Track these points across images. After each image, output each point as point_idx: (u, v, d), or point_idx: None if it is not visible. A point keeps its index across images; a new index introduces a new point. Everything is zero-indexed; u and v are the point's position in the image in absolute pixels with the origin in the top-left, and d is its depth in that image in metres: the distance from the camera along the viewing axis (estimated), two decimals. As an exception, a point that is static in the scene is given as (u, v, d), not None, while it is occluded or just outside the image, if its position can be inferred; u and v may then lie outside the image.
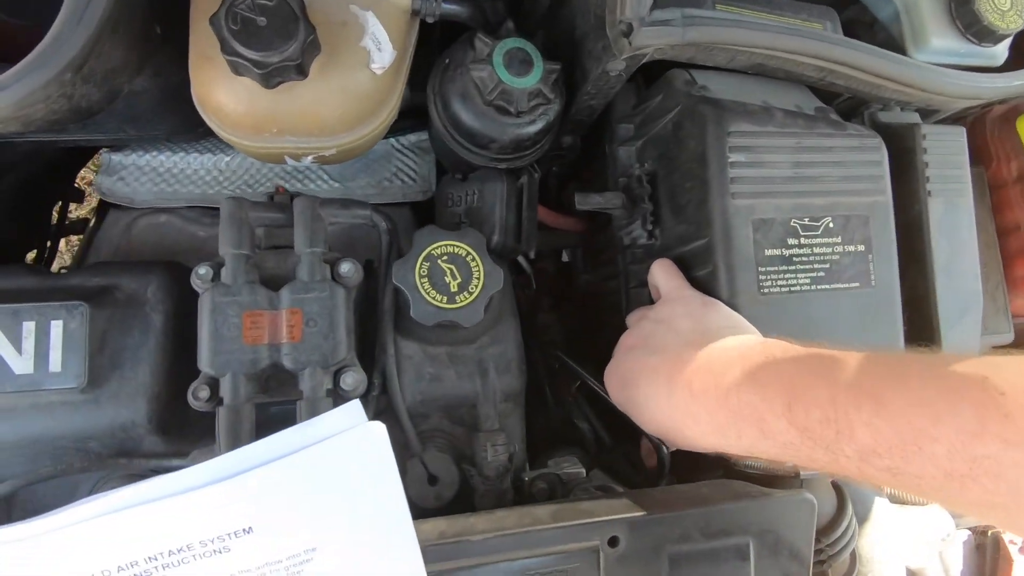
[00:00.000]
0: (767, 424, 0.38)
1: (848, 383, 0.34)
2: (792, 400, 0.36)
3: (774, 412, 0.37)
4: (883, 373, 0.34)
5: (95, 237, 0.67)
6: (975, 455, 0.29)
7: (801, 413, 0.36)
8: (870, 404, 0.33)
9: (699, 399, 0.42)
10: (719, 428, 0.41)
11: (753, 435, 0.39)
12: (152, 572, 0.31)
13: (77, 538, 0.30)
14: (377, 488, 0.35)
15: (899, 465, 0.32)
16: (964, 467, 0.29)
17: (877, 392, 0.33)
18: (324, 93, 0.48)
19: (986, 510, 0.31)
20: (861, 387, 0.34)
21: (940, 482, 0.30)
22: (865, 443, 0.33)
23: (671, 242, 0.57)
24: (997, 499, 0.29)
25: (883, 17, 0.61)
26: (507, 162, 0.58)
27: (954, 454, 0.29)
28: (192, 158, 0.69)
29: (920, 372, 0.32)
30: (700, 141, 0.51)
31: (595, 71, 0.52)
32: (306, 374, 0.44)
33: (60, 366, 0.43)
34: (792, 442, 0.37)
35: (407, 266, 0.48)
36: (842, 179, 0.52)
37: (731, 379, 0.40)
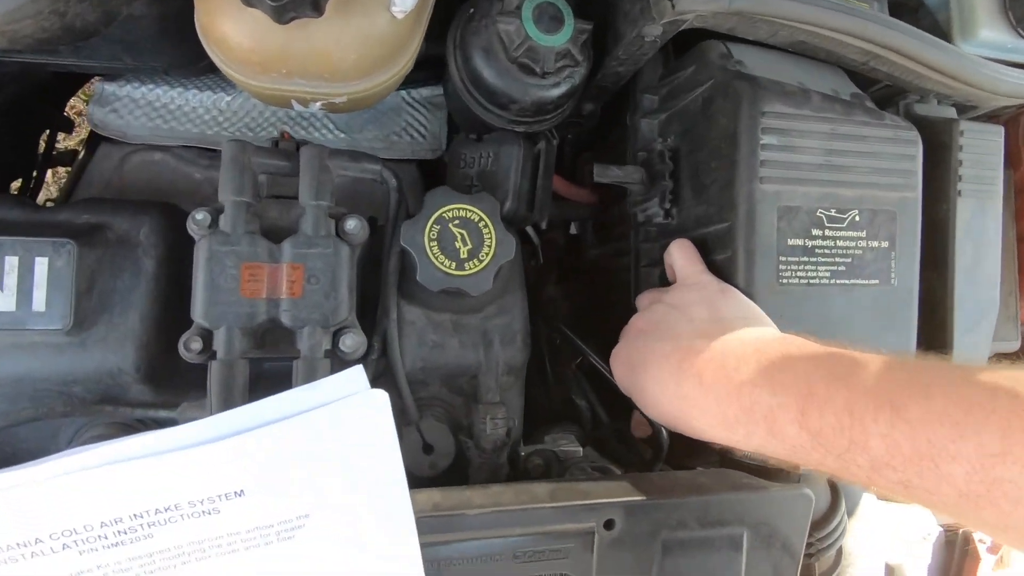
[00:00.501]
0: (778, 426, 0.36)
1: (867, 389, 0.33)
2: (807, 405, 0.35)
3: (787, 415, 0.36)
4: (905, 381, 0.32)
5: (86, 171, 0.64)
6: (995, 477, 0.28)
7: (815, 418, 0.34)
8: (888, 414, 0.31)
9: (710, 392, 0.41)
10: (728, 423, 0.40)
11: (762, 435, 0.38)
12: (137, 530, 0.30)
13: (62, 490, 0.28)
14: (375, 457, 0.34)
15: (912, 480, 0.31)
16: (982, 488, 0.28)
17: (897, 402, 0.31)
18: (340, 34, 0.44)
19: (1000, 532, 0.30)
20: (880, 395, 0.32)
21: (954, 500, 0.29)
22: (879, 455, 0.32)
23: (688, 223, 0.55)
24: (1012, 523, 0.28)
25: (931, 2, 0.58)
26: (526, 125, 0.55)
27: (972, 474, 0.28)
28: (191, 95, 0.65)
29: (945, 384, 0.31)
30: (732, 119, 0.49)
31: (629, 35, 0.49)
32: (305, 333, 0.42)
33: (44, 305, 0.41)
34: (803, 446, 0.36)
35: (416, 227, 0.46)
36: (874, 171, 0.50)
37: (745, 375, 0.39)
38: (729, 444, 0.41)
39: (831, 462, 0.34)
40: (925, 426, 0.29)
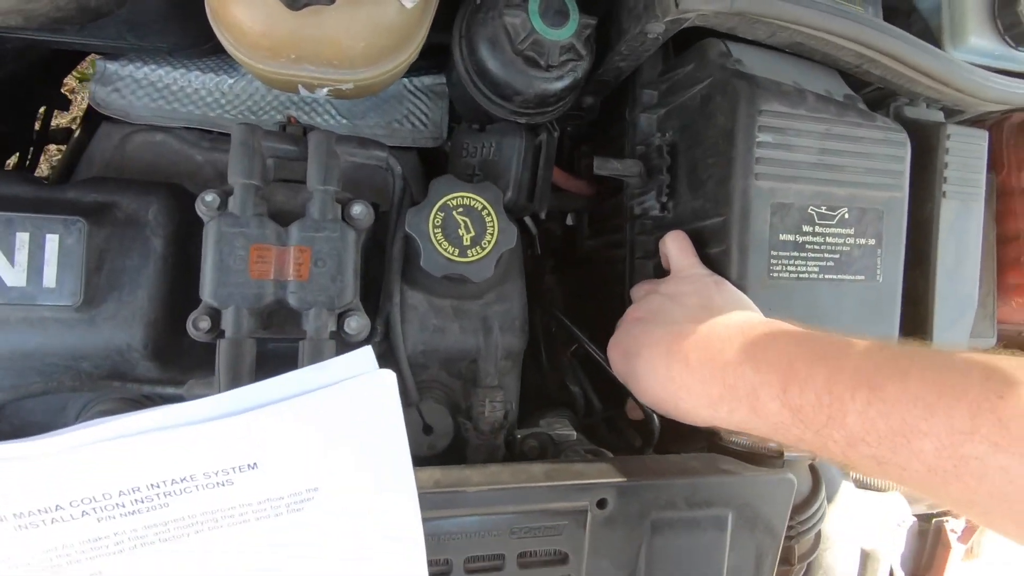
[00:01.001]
0: (760, 403, 0.38)
1: (846, 370, 0.35)
2: (788, 382, 0.37)
3: (769, 392, 0.38)
4: (883, 363, 0.34)
5: (87, 150, 0.64)
6: (962, 454, 0.30)
7: (796, 395, 0.36)
8: (865, 392, 0.33)
9: (696, 372, 0.42)
10: (712, 402, 0.42)
11: (745, 412, 0.40)
12: (154, 499, 0.31)
13: (83, 460, 0.29)
14: (382, 434, 0.35)
15: (885, 455, 0.33)
16: (949, 464, 0.30)
17: (875, 381, 0.33)
18: (350, 22, 0.45)
19: (964, 507, 0.32)
20: (859, 375, 0.34)
21: (923, 475, 0.31)
22: (855, 431, 0.34)
23: (684, 216, 0.56)
24: (977, 498, 0.30)
25: (923, 7, 0.60)
26: (528, 117, 0.56)
27: (941, 450, 0.30)
28: (194, 76, 0.66)
29: (921, 366, 0.33)
30: (730, 117, 0.50)
31: (632, 31, 0.50)
32: (311, 314, 0.43)
33: (55, 282, 0.41)
34: (784, 423, 0.38)
35: (421, 215, 0.47)
36: (864, 171, 0.52)
37: (729, 354, 0.41)
38: (714, 423, 0.43)
39: (810, 437, 0.36)
40: (900, 405, 0.31)
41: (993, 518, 0.31)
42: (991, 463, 0.29)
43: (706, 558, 0.46)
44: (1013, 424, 0.28)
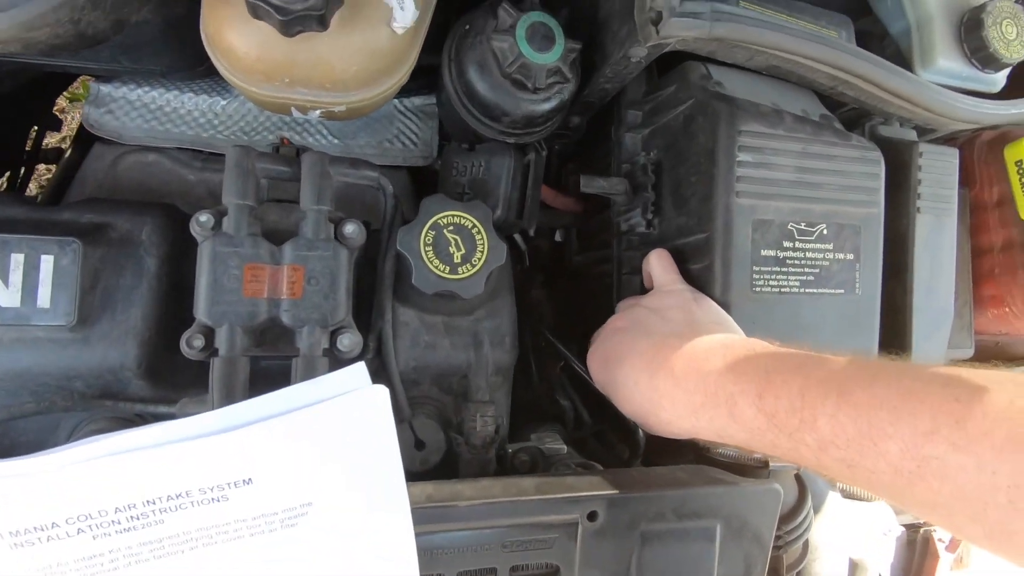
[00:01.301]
0: (738, 409, 0.40)
1: (819, 378, 0.37)
2: (764, 390, 0.39)
3: (747, 399, 0.39)
4: (853, 372, 0.36)
5: (80, 171, 0.64)
6: (924, 455, 0.31)
7: (771, 401, 0.38)
8: (835, 398, 0.35)
9: (680, 382, 0.44)
10: (693, 410, 0.43)
11: (724, 418, 0.41)
12: (149, 515, 0.31)
13: (79, 477, 0.30)
14: (375, 449, 0.36)
15: (854, 458, 0.34)
16: (913, 465, 0.32)
17: (845, 388, 0.35)
18: (342, 47, 0.46)
19: (929, 509, 0.33)
20: (830, 383, 0.36)
21: (890, 477, 0.33)
22: (825, 434, 0.35)
23: (669, 233, 0.58)
24: (940, 499, 0.31)
25: (894, 31, 0.63)
26: (516, 137, 0.58)
27: (905, 452, 0.32)
28: (187, 98, 0.67)
29: (888, 375, 0.35)
30: (711, 137, 0.52)
31: (616, 55, 0.52)
32: (304, 332, 0.44)
33: (49, 302, 0.42)
34: (759, 428, 0.39)
35: (413, 233, 0.48)
36: (841, 188, 0.54)
37: (711, 366, 0.42)
38: (694, 432, 0.44)
39: (784, 442, 0.37)
40: (867, 409, 0.33)
41: (955, 519, 0.32)
42: (951, 462, 0.30)
43: (695, 569, 0.47)
44: (970, 424, 0.30)
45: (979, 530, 0.31)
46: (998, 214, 0.67)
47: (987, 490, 0.29)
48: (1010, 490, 0.28)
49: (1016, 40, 0.58)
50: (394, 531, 0.37)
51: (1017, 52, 0.57)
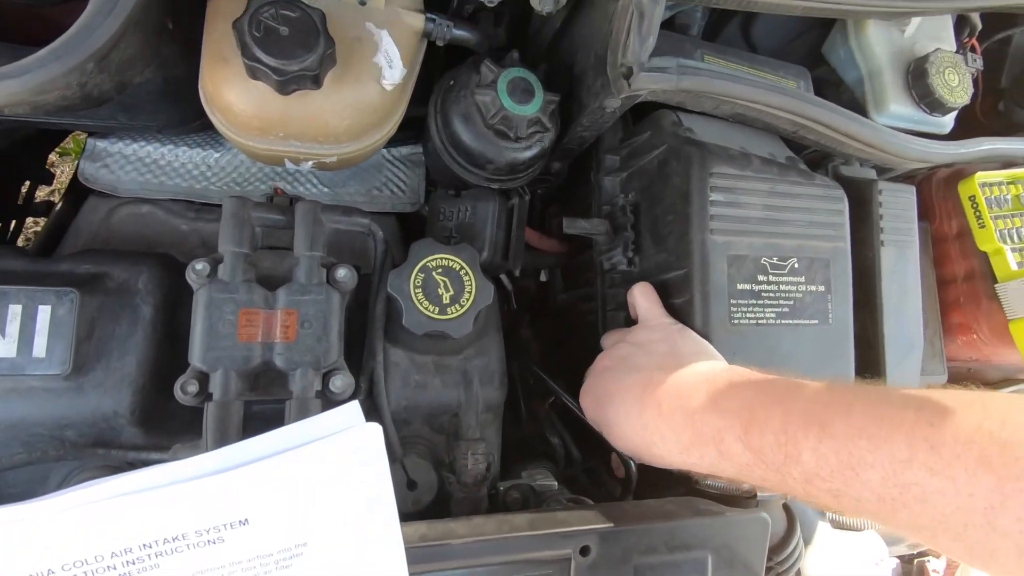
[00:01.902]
0: (726, 446, 0.41)
1: (799, 410, 0.38)
2: (749, 426, 0.40)
3: (733, 435, 0.41)
4: (831, 402, 0.38)
5: (74, 222, 0.66)
6: (904, 482, 0.33)
7: (756, 437, 0.39)
8: (816, 431, 0.37)
9: (667, 420, 0.45)
10: (684, 448, 0.44)
11: (714, 456, 0.42)
12: (145, 560, 0.31)
13: (75, 522, 0.30)
14: (369, 488, 0.36)
15: (840, 488, 0.36)
16: (895, 492, 0.33)
17: (824, 419, 0.37)
18: (335, 103, 0.49)
19: (914, 531, 0.34)
20: (810, 415, 0.37)
21: (875, 505, 0.34)
22: (810, 467, 0.36)
23: (650, 270, 0.60)
24: (923, 522, 0.33)
25: (849, 80, 0.68)
26: (500, 183, 0.61)
27: (887, 479, 0.33)
28: (181, 151, 0.69)
29: (864, 402, 0.36)
30: (684, 179, 0.55)
31: (592, 105, 0.55)
32: (297, 374, 0.45)
33: (45, 351, 0.42)
34: (748, 463, 0.40)
35: (403, 276, 0.49)
36: (808, 224, 0.57)
37: (696, 402, 0.44)
38: (687, 467, 0.45)
39: (772, 476, 0.38)
40: (847, 440, 0.34)
41: (939, 541, 0.34)
42: (929, 487, 0.31)
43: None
44: (944, 449, 0.31)
45: (962, 549, 0.32)
46: (958, 246, 0.71)
47: (965, 512, 0.31)
48: (987, 511, 0.30)
49: (958, 86, 0.63)
50: (389, 571, 0.37)
51: (960, 97, 0.62)
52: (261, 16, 0.42)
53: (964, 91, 0.63)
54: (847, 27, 0.66)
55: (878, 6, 0.52)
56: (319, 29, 0.44)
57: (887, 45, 0.64)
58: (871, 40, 0.64)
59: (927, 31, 0.66)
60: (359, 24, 0.50)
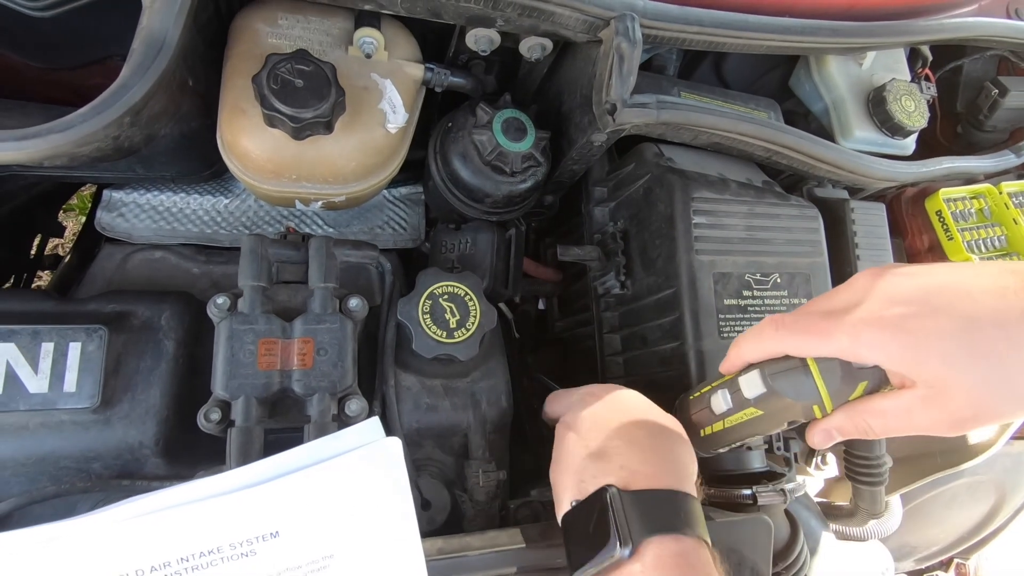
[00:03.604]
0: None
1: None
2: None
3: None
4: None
5: (90, 270, 0.68)
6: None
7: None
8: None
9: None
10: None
11: None
12: (183, 573, 0.33)
13: (113, 538, 0.32)
14: (391, 498, 0.38)
15: None
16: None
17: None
18: (344, 147, 0.53)
19: None
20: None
21: None
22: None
23: (641, 292, 0.64)
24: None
25: (816, 110, 0.73)
26: (498, 215, 0.65)
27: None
28: (192, 199, 0.73)
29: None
30: (668, 205, 0.59)
31: (580, 140, 0.60)
32: (315, 399, 0.47)
33: (75, 386, 0.45)
34: None
35: (411, 303, 0.53)
36: (787, 242, 0.61)
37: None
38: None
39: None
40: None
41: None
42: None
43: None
44: None
45: None
46: (931, 259, 0.75)
47: None
48: None
49: (915, 111, 0.68)
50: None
51: (917, 121, 0.68)
52: (278, 71, 0.47)
53: (921, 115, 0.68)
54: (810, 62, 0.72)
55: (831, 43, 0.57)
56: (331, 80, 0.48)
57: (847, 77, 0.70)
58: (832, 73, 0.70)
59: (883, 63, 0.72)
60: (365, 75, 0.54)
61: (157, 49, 0.42)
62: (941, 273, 0.36)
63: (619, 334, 0.68)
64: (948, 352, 0.33)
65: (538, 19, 0.50)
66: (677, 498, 0.39)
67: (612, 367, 0.68)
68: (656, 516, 0.37)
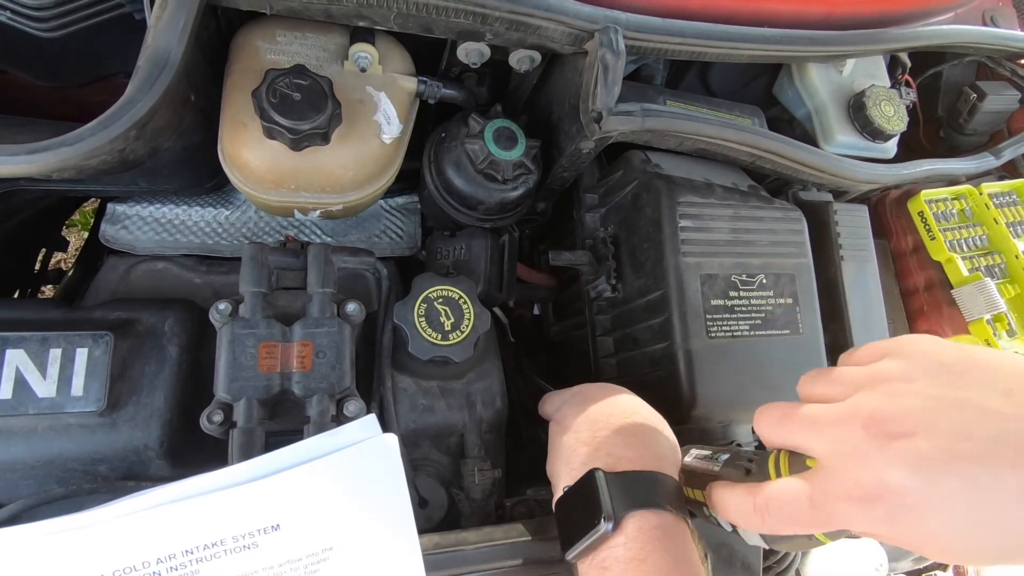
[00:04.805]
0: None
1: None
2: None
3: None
4: None
5: (94, 281, 0.70)
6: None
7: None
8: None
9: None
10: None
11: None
12: (186, 566, 0.34)
13: (122, 531, 0.33)
14: (388, 492, 0.40)
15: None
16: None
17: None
18: (341, 157, 0.55)
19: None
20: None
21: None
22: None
23: (632, 294, 0.65)
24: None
25: (799, 116, 0.75)
26: (492, 222, 0.67)
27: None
28: (194, 211, 0.75)
29: None
30: (655, 209, 0.61)
31: (569, 148, 0.62)
32: (314, 400, 0.49)
33: (82, 390, 0.46)
34: None
35: (407, 307, 0.54)
36: (772, 243, 0.63)
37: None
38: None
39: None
40: None
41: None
42: None
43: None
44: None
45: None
46: (916, 259, 0.77)
47: None
48: None
49: (895, 116, 0.70)
50: (408, 573, 0.40)
51: (896, 125, 0.70)
52: (277, 85, 0.49)
53: (900, 120, 0.70)
54: (792, 70, 0.74)
55: (809, 51, 0.59)
56: (327, 93, 0.50)
57: (828, 84, 0.72)
58: (813, 80, 0.72)
59: (862, 70, 0.75)
60: (360, 88, 0.56)
61: (161, 66, 0.44)
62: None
63: (612, 336, 0.70)
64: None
65: (525, 32, 0.52)
66: (657, 478, 0.42)
67: (606, 369, 0.70)
68: (637, 493, 0.40)
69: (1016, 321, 0.69)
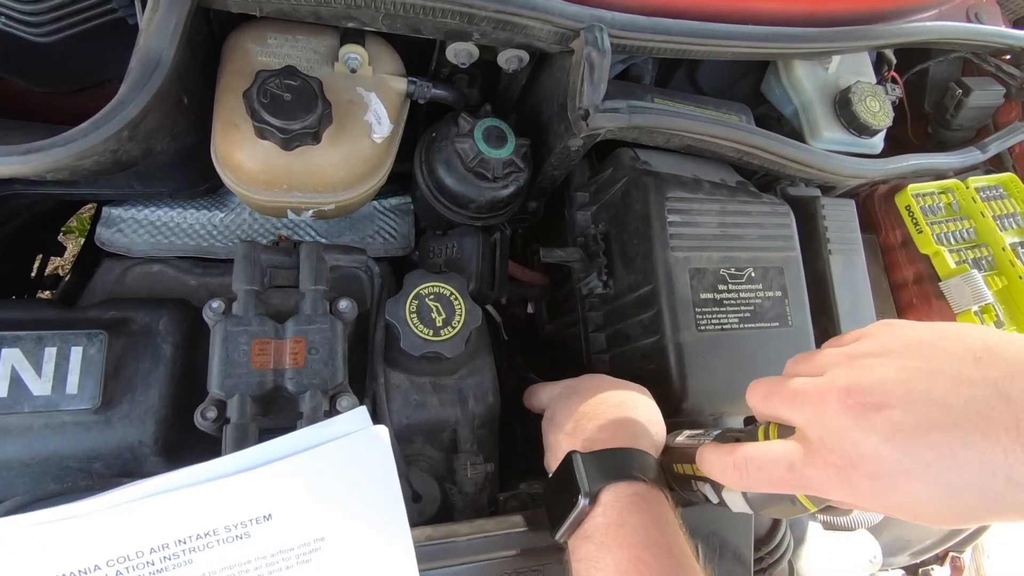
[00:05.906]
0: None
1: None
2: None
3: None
4: None
5: (90, 284, 0.71)
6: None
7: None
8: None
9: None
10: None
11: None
12: (180, 555, 0.35)
13: (117, 520, 0.33)
14: (379, 483, 0.40)
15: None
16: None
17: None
18: (332, 157, 0.56)
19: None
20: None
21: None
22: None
23: (623, 290, 0.66)
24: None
25: (787, 113, 0.76)
26: (483, 220, 0.67)
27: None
28: (189, 213, 0.75)
29: None
30: (644, 205, 0.62)
31: (558, 146, 0.63)
32: (307, 396, 0.49)
33: (77, 388, 0.47)
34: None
35: (399, 303, 0.55)
36: (760, 238, 0.63)
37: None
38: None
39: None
40: None
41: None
42: None
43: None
44: None
45: None
46: (904, 253, 0.78)
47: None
48: None
49: (880, 112, 0.71)
50: (399, 560, 0.40)
51: (882, 121, 0.71)
52: (268, 86, 0.50)
53: (886, 115, 0.71)
54: (778, 68, 0.75)
55: (794, 48, 0.60)
56: (317, 94, 0.51)
57: (814, 81, 0.73)
58: (800, 77, 0.73)
59: (848, 67, 0.76)
60: (351, 89, 0.57)
61: (153, 67, 0.45)
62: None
63: (604, 332, 0.70)
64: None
65: (512, 32, 0.53)
66: (630, 453, 0.44)
67: (598, 365, 0.70)
68: (611, 467, 0.43)
69: (1003, 312, 0.70)
